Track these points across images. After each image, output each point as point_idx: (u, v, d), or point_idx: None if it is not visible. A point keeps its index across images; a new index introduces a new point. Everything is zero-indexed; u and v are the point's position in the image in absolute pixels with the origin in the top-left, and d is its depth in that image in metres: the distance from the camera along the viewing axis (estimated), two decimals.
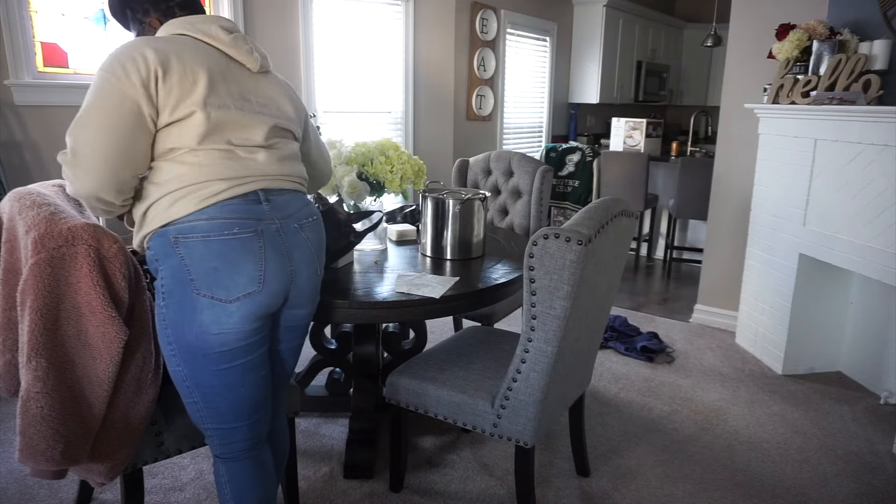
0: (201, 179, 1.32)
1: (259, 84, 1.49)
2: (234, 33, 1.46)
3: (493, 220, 3.11)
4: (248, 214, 1.35)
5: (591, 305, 1.74)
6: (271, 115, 1.47)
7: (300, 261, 1.45)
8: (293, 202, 1.47)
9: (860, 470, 2.31)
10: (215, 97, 1.35)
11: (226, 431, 1.47)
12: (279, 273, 1.40)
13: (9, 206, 1.51)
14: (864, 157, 2.62)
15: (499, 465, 2.29)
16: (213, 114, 1.34)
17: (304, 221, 1.48)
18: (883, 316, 2.87)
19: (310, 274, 1.50)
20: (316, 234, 1.52)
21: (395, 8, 4.36)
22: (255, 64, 1.47)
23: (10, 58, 2.83)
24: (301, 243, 1.46)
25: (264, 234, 1.36)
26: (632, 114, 6.50)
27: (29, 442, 1.32)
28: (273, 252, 1.38)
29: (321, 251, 1.55)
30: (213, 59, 1.40)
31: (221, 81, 1.38)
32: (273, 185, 1.42)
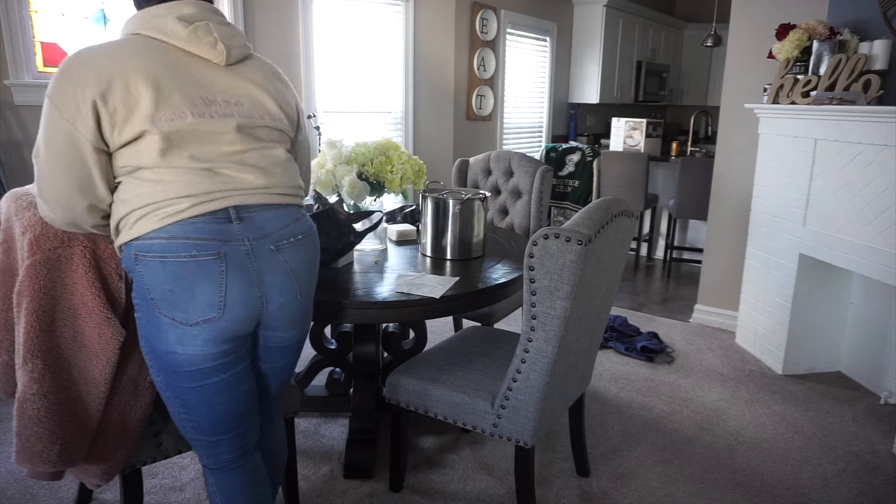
0: (164, 197, 1.21)
1: (228, 79, 1.31)
2: (194, 24, 1.27)
3: (493, 220, 3.11)
4: (211, 235, 1.22)
5: (591, 305, 1.74)
6: (242, 115, 1.30)
7: (272, 286, 1.30)
8: (274, 220, 1.31)
9: (860, 470, 2.30)
10: (166, 109, 1.20)
11: (209, 443, 1.40)
12: (243, 299, 1.26)
13: (6, 206, 1.51)
14: (864, 157, 2.62)
15: (499, 465, 2.28)
16: (166, 128, 1.20)
17: (283, 242, 1.31)
18: (883, 316, 2.87)
19: (286, 300, 1.34)
20: (298, 255, 1.35)
21: (395, 8, 4.36)
22: (219, 57, 1.29)
23: (10, 58, 2.83)
24: (275, 267, 1.30)
25: (228, 258, 1.23)
26: (632, 114, 6.50)
27: (25, 443, 1.32)
28: (237, 277, 1.24)
29: (306, 274, 1.38)
30: (163, 61, 1.24)
31: (174, 88, 1.22)
32: (250, 201, 1.28)
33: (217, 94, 1.28)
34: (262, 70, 1.39)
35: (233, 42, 1.33)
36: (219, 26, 1.31)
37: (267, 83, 1.38)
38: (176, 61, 1.25)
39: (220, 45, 1.29)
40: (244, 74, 1.34)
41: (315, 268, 1.43)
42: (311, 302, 1.47)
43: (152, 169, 1.22)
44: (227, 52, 1.30)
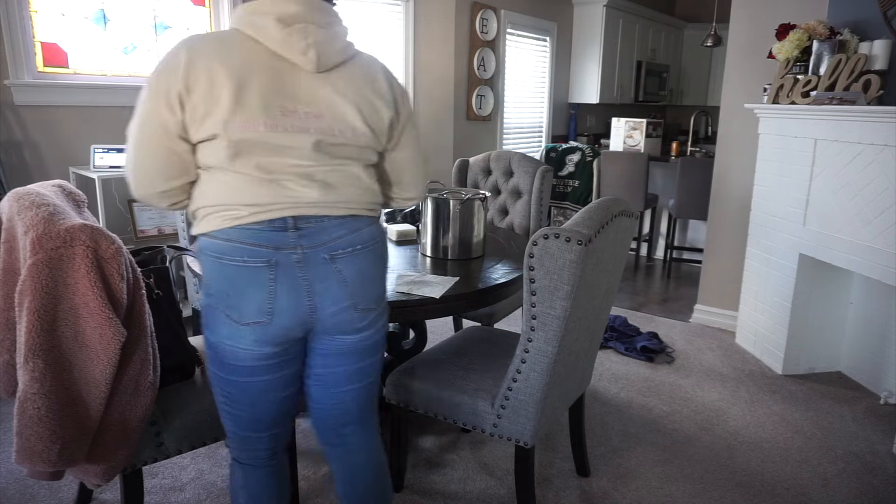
0: (228, 201, 1.24)
1: (315, 88, 1.25)
2: (292, 26, 1.21)
3: (493, 220, 3.11)
4: (265, 242, 1.23)
5: (591, 305, 1.74)
6: (319, 131, 1.25)
7: (324, 295, 1.29)
8: (333, 229, 1.29)
9: (860, 470, 2.30)
10: (241, 116, 1.18)
11: (244, 438, 1.41)
12: (292, 308, 1.27)
13: (8, 206, 1.51)
14: (864, 157, 2.62)
15: (499, 465, 2.28)
16: (236, 136, 1.19)
17: (339, 251, 1.29)
18: (883, 316, 2.87)
19: (338, 309, 1.31)
20: (356, 265, 1.31)
21: (395, 8, 4.36)
22: (309, 65, 1.23)
23: (10, 58, 2.83)
24: (328, 275, 1.28)
25: (278, 266, 1.24)
26: (632, 114, 6.50)
27: (26, 443, 1.32)
28: (286, 285, 1.25)
29: (363, 284, 1.34)
30: (253, 63, 1.20)
31: (257, 94, 1.19)
32: (310, 213, 1.26)
33: (299, 104, 1.23)
34: (358, 78, 1.30)
35: (328, 48, 1.25)
36: (317, 30, 1.24)
37: (358, 95, 1.29)
38: (264, 65, 1.21)
39: (312, 53, 1.23)
40: (334, 84, 1.27)
41: (377, 278, 1.38)
42: (374, 314, 1.39)
43: (222, 170, 1.24)
44: (317, 59, 1.24)
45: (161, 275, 1.71)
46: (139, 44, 3.32)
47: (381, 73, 1.35)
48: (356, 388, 1.45)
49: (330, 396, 1.44)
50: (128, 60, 3.29)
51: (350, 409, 1.47)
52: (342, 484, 1.53)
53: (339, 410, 1.46)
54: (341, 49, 1.28)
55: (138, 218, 3.20)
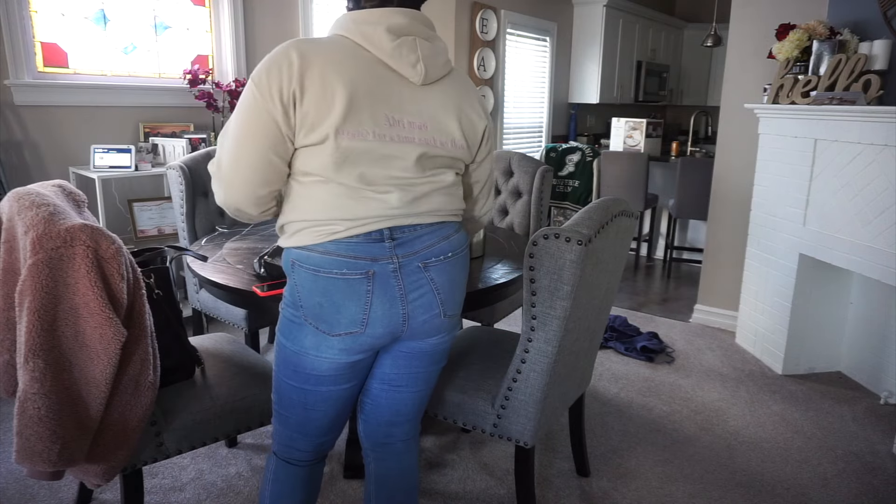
0: (323, 217, 1.23)
1: (421, 99, 1.26)
2: (402, 38, 1.22)
3: (493, 220, 3.11)
4: (363, 254, 1.24)
5: (591, 305, 1.74)
6: (423, 143, 1.26)
7: (417, 304, 1.30)
8: (426, 237, 1.30)
9: (860, 470, 2.31)
10: (352, 123, 1.18)
11: (289, 438, 1.43)
12: (386, 318, 1.28)
13: (8, 206, 1.51)
14: (864, 157, 2.62)
15: (499, 465, 2.28)
16: (345, 143, 1.18)
17: (432, 260, 1.30)
18: (883, 316, 2.87)
19: (429, 317, 1.33)
20: (447, 273, 1.33)
21: None
22: (417, 77, 1.24)
23: (10, 58, 2.83)
24: (421, 285, 1.29)
25: (375, 277, 1.24)
26: (632, 114, 6.50)
27: (26, 443, 1.32)
28: (382, 296, 1.26)
29: (452, 291, 1.35)
30: (364, 71, 1.20)
31: (367, 102, 1.19)
32: (404, 223, 1.27)
33: (405, 114, 1.24)
34: (457, 92, 1.32)
35: (434, 61, 1.27)
36: (423, 42, 1.25)
37: (458, 108, 1.31)
38: (375, 74, 1.21)
39: (420, 66, 1.24)
40: (437, 96, 1.28)
41: (461, 287, 1.39)
42: (456, 320, 1.41)
43: (321, 181, 1.22)
44: (425, 72, 1.25)
45: (161, 275, 1.71)
46: (139, 44, 3.32)
47: (473, 89, 1.38)
48: (415, 392, 1.47)
49: (389, 397, 1.46)
50: (128, 60, 3.29)
51: (402, 412, 1.49)
52: (376, 485, 1.54)
53: (392, 411, 1.48)
54: (444, 63, 1.30)
55: (138, 218, 3.20)
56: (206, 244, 2.33)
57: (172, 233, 3.24)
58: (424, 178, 1.28)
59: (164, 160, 3.24)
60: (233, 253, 2.14)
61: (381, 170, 1.23)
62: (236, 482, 2.14)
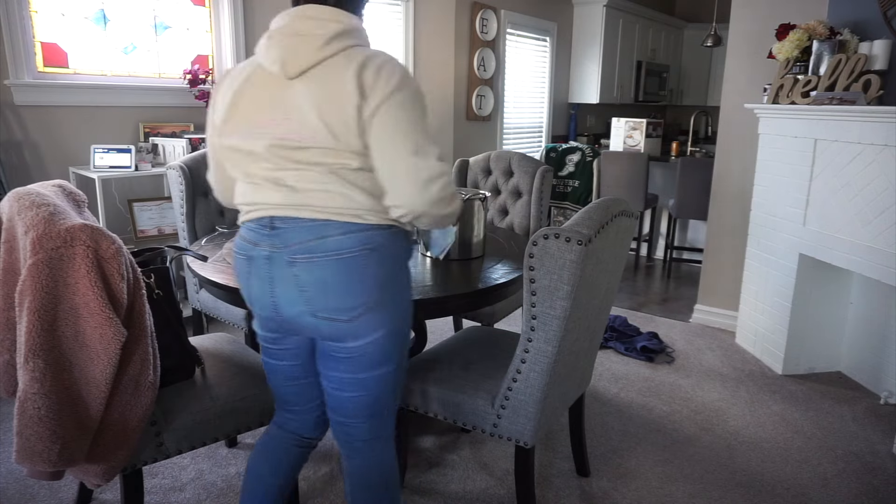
0: (238, 202, 1.42)
1: (289, 93, 1.28)
2: (272, 38, 1.29)
3: (493, 220, 3.11)
4: (250, 238, 1.37)
5: (591, 305, 1.74)
6: (280, 136, 1.27)
7: (282, 296, 1.33)
8: (301, 232, 1.30)
9: (860, 470, 2.31)
10: (229, 126, 1.34)
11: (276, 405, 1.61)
12: (260, 301, 1.38)
13: (8, 206, 1.51)
14: (864, 157, 2.62)
15: (499, 465, 2.28)
16: (227, 143, 1.35)
17: (300, 256, 1.29)
18: (883, 316, 2.87)
19: (296, 313, 1.34)
20: (314, 273, 1.30)
21: (395, 8, 4.36)
22: (278, 72, 1.28)
23: (10, 58, 2.83)
24: (285, 279, 1.32)
25: (253, 261, 1.36)
26: (632, 114, 6.50)
27: (26, 443, 1.32)
28: (256, 279, 1.36)
29: (322, 293, 1.31)
30: (246, 78, 1.33)
31: (238, 106, 1.32)
32: (284, 214, 1.32)
33: (270, 111, 1.29)
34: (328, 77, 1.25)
35: (295, 55, 1.26)
36: (290, 38, 1.27)
37: (320, 96, 1.25)
38: (252, 77, 1.33)
39: (279, 61, 1.27)
40: (303, 88, 1.26)
41: (338, 291, 1.31)
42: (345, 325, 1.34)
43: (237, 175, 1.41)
44: (282, 66, 1.26)
45: (161, 275, 1.71)
46: (139, 44, 3.32)
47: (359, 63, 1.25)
48: (353, 396, 1.45)
49: (331, 396, 1.48)
50: (128, 60, 3.29)
51: (347, 413, 1.47)
52: (348, 480, 1.55)
53: (337, 411, 1.49)
54: (311, 51, 1.26)
55: (138, 218, 3.20)
56: (206, 244, 2.33)
57: (172, 233, 3.24)
58: (293, 171, 1.30)
59: (164, 160, 3.24)
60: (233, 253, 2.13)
61: (251, 165, 1.34)
62: (236, 482, 2.14)
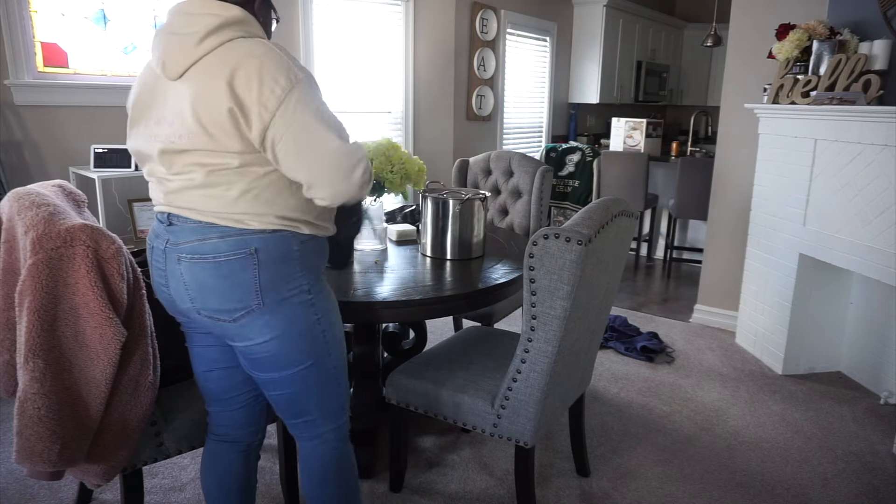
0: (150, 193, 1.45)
1: (172, 94, 1.27)
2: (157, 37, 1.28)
3: (493, 220, 3.11)
4: (154, 231, 1.42)
5: (591, 305, 1.74)
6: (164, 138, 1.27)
7: (174, 290, 1.37)
8: (187, 232, 1.32)
9: (860, 470, 2.30)
10: (133, 126, 1.37)
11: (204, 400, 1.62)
12: (159, 290, 1.43)
13: (8, 206, 1.51)
14: (864, 157, 2.62)
15: (499, 465, 2.28)
16: (132, 144, 1.39)
17: (185, 255, 1.32)
18: (883, 316, 2.87)
19: (185, 308, 1.37)
20: (194, 273, 1.31)
21: (395, 8, 4.36)
22: (163, 73, 1.27)
23: (10, 58, 2.83)
24: (174, 274, 1.35)
25: (154, 251, 1.40)
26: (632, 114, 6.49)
27: (26, 443, 1.32)
28: (155, 270, 1.41)
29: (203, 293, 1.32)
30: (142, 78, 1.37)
31: (140, 110, 1.35)
32: (176, 212, 1.34)
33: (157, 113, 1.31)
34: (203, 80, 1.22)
35: (172, 55, 1.24)
36: (169, 37, 1.25)
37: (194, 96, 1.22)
38: (145, 79, 1.36)
39: (160, 63, 1.26)
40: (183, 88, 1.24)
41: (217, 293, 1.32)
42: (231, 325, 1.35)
43: None
44: (163, 67, 1.26)
45: None
46: (139, 44, 3.31)
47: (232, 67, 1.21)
48: (275, 396, 1.48)
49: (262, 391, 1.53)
50: (128, 60, 3.29)
51: (281, 410, 1.52)
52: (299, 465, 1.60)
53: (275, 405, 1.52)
54: (186, 51, 1.23)
55: (138, 218, 3.20)
56: None
57: None
58: (174, 174, 1.32)
59: None
60: None
61: (149, 164, 1.37)
62: None
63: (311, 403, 1.48)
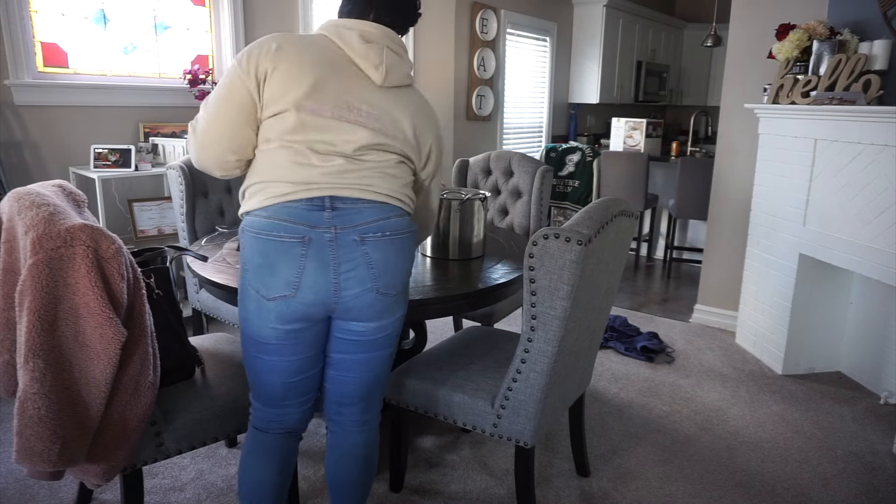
0: (273, 178, 1.38)
1: (380, 98, 1.42)
2: (371, 43, 1.41)
3: (493, 220, 3.11)
4: (302, 220, 1.35)
5: (591, 305, 1.74)
6: (374, 130, 1.40)
7: (349, 275, 1.38)
8: (365, 212, 1.39)
9: (860, 470, 2.31)
10: (313, 101, 1.36)
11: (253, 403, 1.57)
12: (317, 284, 1.37)
13: (8, 206, 1.51)
14: (864, 157, 2.62)
15: (499, 465, 2.28)
16: (305, 116, 1.36)
17: (369, 235, 1.38)
18: (883, 316, 2.87)
19: (361, 290, 1.40)
20: (383, 251, 1.40)
21: None
22: (378, 77, 1.42)
23: (10, 58, 2.83)
24: (355, 257, 1.38)
25: (311, 243, 1.35)
26: (632, 114, 6.50)
27: (26, 443, 1.32)
28: (315, 261, 1.36)
29: (388, 270, 1.42)
30: (334, 63, 1.40)
31: (331, 88, 1.38)
32: (345, 194, 1.37)
33: (363, 103, 1.40)
34: (414, 102, 1.49)
35: (396, 69, 1.44)
36: (391, 53, 1.44)
37: (411, 112, 1.47)
38: (342, 66, 1.41)
39: (382, 68, 1.42)
40: (395, 98, 1.45)
41: (401, 268, 1.46)
42: (392, 300, 1.47)
43: (277, 146, 1.38)
44: (386, 74, 1.42)
45: (161, 275, 1.71)
46: (139, 44, 3.32)
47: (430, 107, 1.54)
48: (359, 378, 1.55)
49: (334, 378, 1.56)
50: (128, 60, 3.29)
51: (347, 394, 1.57)
52: (329, 458, 1.63)
53: (338, 392, 1.57)
54: (405, 74, 1.47)
55: (138, 218, 3.20)
56: (206, 244, 2.33)
57: (172, 233, 3.24)
58: (368, 157, 1.41)
59: (164, 160, 3.24)
60: (233, 253, 2.14)
61: (329, 141, 1.37)
62: (236, 482, 2.14)
63: (381, 385, 1.61)
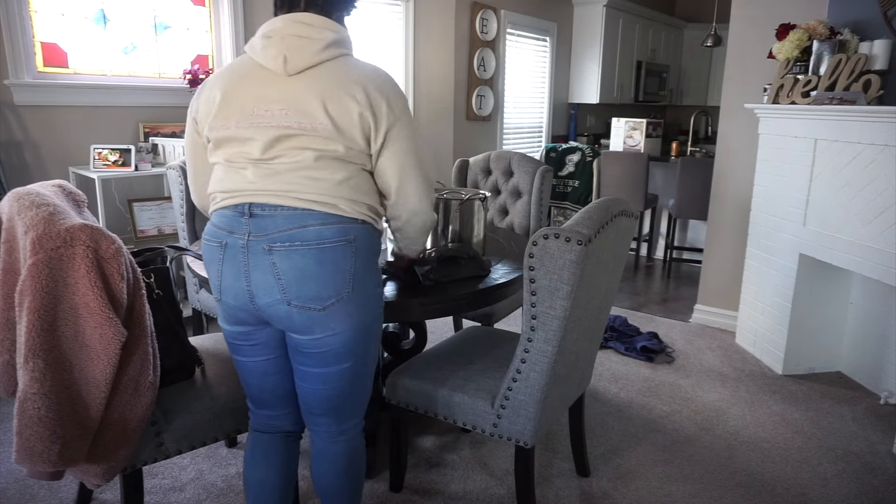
0: (213, 189, 1.44)
1: (288, 88, 1.35)
2: (271, 38, 1.37)
3: (493, 220, 3.11)
4: (226, 226, 1.39)
5: (591, 305, 1.74)
6: (281, 126, 1.34)
7: (258, 284, 1.36)
8: (281, 220, 1.34)
9: (860, 470, 2.30)
10: (221, 119, 1.38)
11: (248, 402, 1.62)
12: (233, 290, 1.39)
13: (8, 206, 1.51)
14: (864, 157, 2.62)
15: (499, 465, 2.28)
16: (214, 134, 1.40)
17: (277, 245, 1.33)
18: (883, 316, 2.87)
19: (271, 301, 1.36)
20: (290, 260, 1.33)
21: (395, 8, 4.36)
22: (278, 68, 1.35)
23: (10, 58, 2.83)
24: (262, 266, 1.34)
25: (227, 248, 1.38)
26: (632, 114, 6.50)
27: (26, 443, 1.32)
28: (230, 267, 1.38)
29: (300, 281, 1.34)
30: (242, 75, 1.39)
31: (239, 99, 1.37)
32: (262, 200, 1.35)
33: (272, 103, 1.35)
34: (330, 79, 1.36)
35: (297, 53, 1.35)
36: (291, 38, 1.36)
37: (319, 88, 1.34)
38: (249, 73, 1.39)
39: (280, 58, 1.35)
40: (302, 83, 1.35)
41: (317, 280, 1.35)
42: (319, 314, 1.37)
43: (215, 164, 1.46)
44: (284, 63, 1.35)
45: (161, 275, 1.71)
46: (139, 44, 3.31)
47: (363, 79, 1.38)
48: (319, 390, 1.50)
49: (299, 387, 1.54)
50: (128, 60, 3.29)
51: (312, 405, 1.54)
52: (312, 466, 1.62)
53: (306, 402, 1.55)
54: (313, 53, 1.36)
55: (138, 218, 3.20)
56: None
57: (172, 233, 3.24)
58: (281, 158, 1.36)
59: (164, 160, 3.24)
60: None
61: (239, 150, 1.38)
62: (236, 482, 2.14)
63: (348, 398, 1.53)
